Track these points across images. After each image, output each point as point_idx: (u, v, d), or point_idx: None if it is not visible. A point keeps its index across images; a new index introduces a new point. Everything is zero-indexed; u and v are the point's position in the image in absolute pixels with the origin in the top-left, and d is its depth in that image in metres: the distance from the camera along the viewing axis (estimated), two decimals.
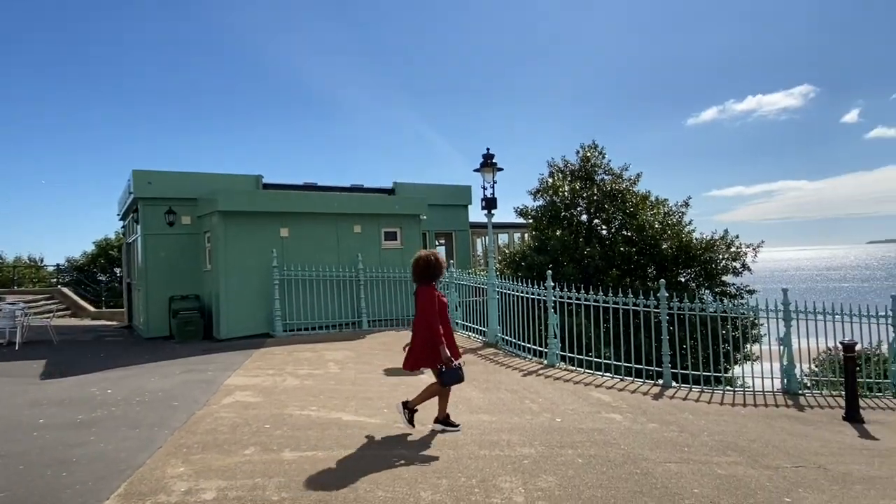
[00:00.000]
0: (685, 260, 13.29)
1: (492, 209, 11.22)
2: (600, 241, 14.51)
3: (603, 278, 13.16)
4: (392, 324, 12.98)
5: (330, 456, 4.69)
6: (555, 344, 9.31)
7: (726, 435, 5.76)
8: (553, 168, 16.02)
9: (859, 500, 4.16)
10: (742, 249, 14.02)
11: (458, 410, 6.25)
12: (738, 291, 14.11)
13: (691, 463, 4.81)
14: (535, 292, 9.81)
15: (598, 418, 6.16)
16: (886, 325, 8.66)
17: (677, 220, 14.41)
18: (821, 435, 5.98)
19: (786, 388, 8.21)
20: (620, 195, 14.62)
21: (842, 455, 5.26)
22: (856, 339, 8.65)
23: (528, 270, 13.20)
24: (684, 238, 13.78)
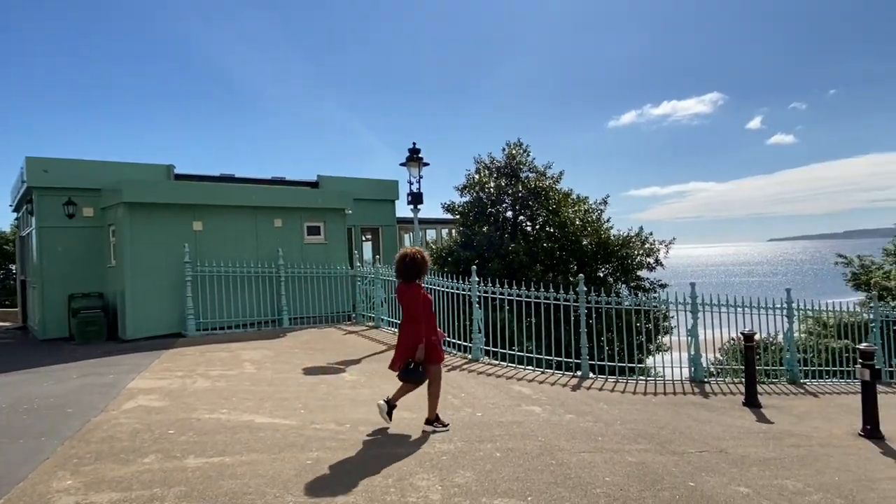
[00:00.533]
0: (604, 256, 13.81)
1: (418, 204, 11.14)
2: (525, 238, 14.79)
3: (527, 273, 13.41)
4: (315, 321, 12.62)
5: (238, 461, 4.43)
6: (479, 339, 9.36)
7: (638, 423, 5.98)
8: (480, 165, 16.17)
9: (755, 480, 4.41)
10: (655, 246, 14.74)
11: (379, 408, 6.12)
12: (652, 286, 14.83)
13: (604, 452, 4.94)
14: (460, 287, 9.82)
15: (518, 411, 6.22)
16: (782, 317, 9.35)
17: (596, 218, 14.95)
18: (723, 420, 6.34)
19: (693, 377, 8.67)
20: (544, 192, 14.97)
21: (741, 439, 5.59)
22: (758, 329, 9.32)
23: (455, 266, 13.24)
24: (603, 235, 14.32)
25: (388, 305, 12.13)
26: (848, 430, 5.97)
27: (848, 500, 4.08)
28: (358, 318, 12.95)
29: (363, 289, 12.95)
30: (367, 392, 6.86)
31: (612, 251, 13.89)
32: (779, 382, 9.02)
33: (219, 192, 12.54)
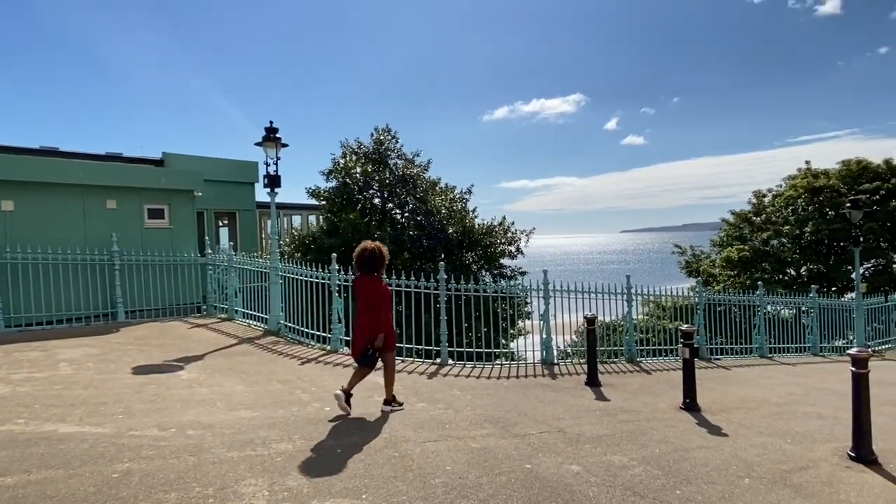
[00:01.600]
0: (469, 244, 14.08)
1: (275, 187, 10.45)
2: (393, 225, 14.62)
3: (394, 262, 13.26)
4: (158, 314, 11.42)
5: (24, 481, 3.74)
6: (339, 329, 9.03)
7: (486, 408, 6.05)
8: (347, 150, 15.66)
9: (586, 458, 4.61)
10: (517, 235, 15.33)
11: (216, 409, 5.60)
12: (513, 273, 15.43)
13: (450, 440, 4.90)
14: (320, 276, 9.38)
15: (370, 403, 6.02)
16: (623, 301, 10.12)
17: (462, 207, 15.20)
18: (566, 400, 6.64)
19: (544, 359, 9.07)
20: (412, 180, 14.89)
21: (579, 417, 5.87)
22: (606, 313, 10.03)
23: (319, 253, 12.71)
24: (468, 223, 14.58)
25: (243, 296, 11.33)
26: (671, 404, 6.54)
27: (665, 470, 4.39)
28: (209, 310, 11.96)
29: (215, 278, 11.97)
30: (204, 391, 6.26)
31: (476, 239, 14.21)
32: (619, 361, 9.74)
33: (36, 166, 10.83)
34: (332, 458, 4.35)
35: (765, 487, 4.12)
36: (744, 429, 5.70)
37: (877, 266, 22.76)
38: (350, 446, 4.62)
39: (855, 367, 4.78)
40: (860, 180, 23.09)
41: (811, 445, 5.19)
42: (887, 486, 4.22)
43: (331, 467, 4.16)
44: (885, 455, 4.83)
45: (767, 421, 6.06)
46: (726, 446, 5.08)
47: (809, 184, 23.56)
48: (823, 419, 6.18)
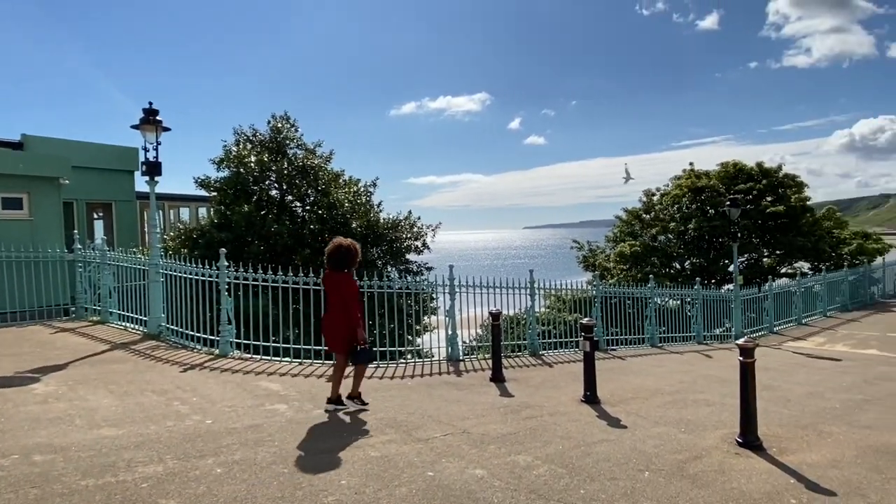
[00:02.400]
0: (374, 239, 13.65)
1: (155, 175, 9.46)
2: (292, 218, 13.84)
3: (293, 257, 12.56)
4: (15, 318, 9.98)
5: None
6: (228, 331, 8.30)
7: (389, 411, 5.74)
8: (240, 137, 14.60)
9: (491, 460, 4.43)
10: (424, 230, 15.10)
11: (73, 427, 4.84)
12: (420, 268, 15.21)
13: (347, 449, 4.54)
14: (207, 273, 8.57)
15: (259, 412, 5.49)
16: (526, 295, 10.19)
17: (367, 200, 14.71)
18: (471, 398, 6.47)
19: (450, 356, 8.91)
20: (313, 171, 14.17)
21: (484, 416, 5.71)
22: (511, 307, 10.05)
23: (208, 249, 11.71)
24: (373, 217, 14.14)
25: (119, 296, 10.18)
26: (573, 397, 6.57)
27: (569, 468, 4.31)
28: (79, 313, 10.64)
29: (87, 276, 10.67)
30: (61, 407, 5.42)
31: (381, 234, 13.81)
32: (522, 355, 9.80)
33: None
34: (208, 480, 3.84)
35: (664, 480, 4.15)
36: (641, 419, 5.82)
37: (750, 260, 24.99)
38: (233, 465, 4.12)
39: (743, 357, 4.98)
40: (736, 181, 25.23)
41: (703, 433, 5.36)
42: (772, 471, 4.40)
43: (206, 492, 3.65)
44: (768, 439, 5.08)
45: (662, 410, 6.24)
46: (626, 438, 5.12)
47: (693, 184, 25.39)
48: (711, 406, 6.47)
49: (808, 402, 6.89)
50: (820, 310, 16.62)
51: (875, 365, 9.83)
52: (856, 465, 4.59)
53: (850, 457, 4.81)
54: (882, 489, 4.11)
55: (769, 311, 14.77)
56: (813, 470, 4.44)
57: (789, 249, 23.71)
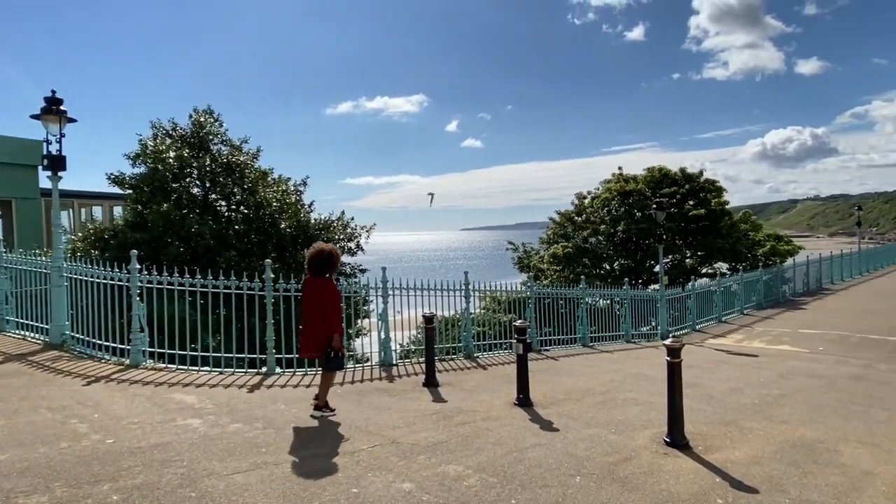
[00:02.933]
0: (304, 240, 13.11)
1: (58, 170, 8.67)
2: (216, 218, 13.08)
3: (217, 259, 11.86)
4: None
5: None
6: (141, 339, 7.68)
7: (312, 422, 5.42)
8: (158, 130, 13.66)
9: (420, 472, 4.23)
10: (357, 231, 14.70)
11: None
12: (353, 270, 14.78)
13: (266, 467, 4.20)
14: (116, 277, 7.89)
15: (168, 428, 5.03)
16: (461, 297, 10.07)
17: (297, 200, 14.15)
18: (403, 405, 6.25)
19: (383, 361, 8.64)
20: (239, 169, 13.47)
21: (415, 424, 5.50)
22: (446, 309, 9.91)
23: (121, 250, 10.85)
24: (303, 218, 13.60)
25: (16, 302, 9.26)
26: (506, 401, 6.48)
27: (500, 476, 4.17)
28: None
29: None
30: None
31: (312, 235, 13.28)
32: (457, 358, 9.67)
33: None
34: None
35: (595, 485, 4.09)
36: (573, 421, 5.79)
37: (674, 261, 26.13)
38: (132, 490, 3.71)
39: (670, 358, 5.03)
40: (661, 185, 26.32)
41: (632, 434, 5.39)
42: (699, 471, 4.44)
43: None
44: (694, 438, 5.16)
45: (593, 411, 6.25)
46: (558, 442, 5.06)
47: (622, 187, 26.29)
48: (640, 405, 6.55)
49: (729, 398, 7.12)
50: (738, 308, 17.52)
51: (788, 360, 10.39)
52: (776, 461, 4.72)
53: (770, 452, 4.96)
54: (800, 484, 4.23)
55: (692, 309, 15.40)
56: (737, 467, 4.52)
57: (710, 251, 24.96)
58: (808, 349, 11.60)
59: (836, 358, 10.50)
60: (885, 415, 6.51)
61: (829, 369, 9.47)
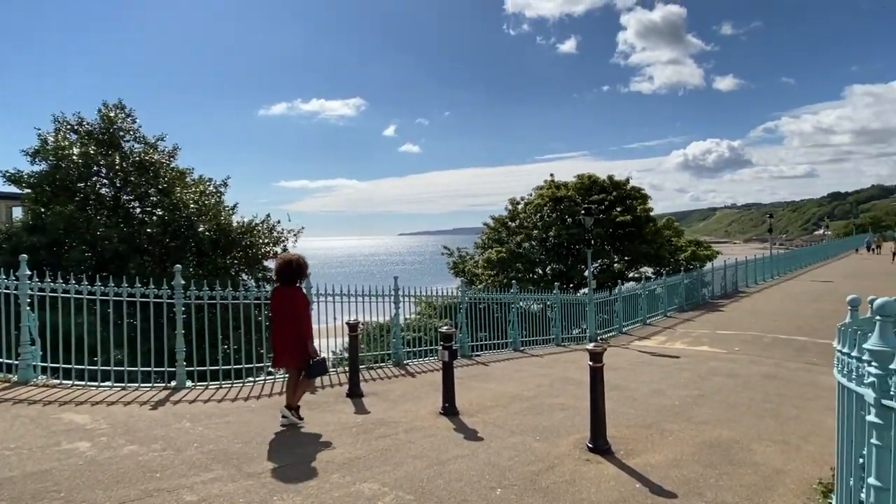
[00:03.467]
0: (225, 244, 12.44)
1: None
2: (127, 221, 12.17)
3: (127, 265, 11.00)
4: None
5: None
6: (31, 353, 6.93)
7: (221, 441, 5.00)
8: (61, 125, 12.57)
9: (332, 492, 3.94)
10: (284, 235, 14.12)
11: None
12: None
13: (156, 495, 3.79)
14: (2, 284, 7.09)
15: (50, 454, 4.49)
16: (391, 303, 9.80)
17: (217, 201, 13.41)
18: (322, 418, 5.91)
19: None
20: (154, 168, 12.61)
21: (334, 438, 5.19)
22: (383, 315, 9.61)
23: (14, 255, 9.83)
24: (224, 220, 12.88)
25: None
26: (432, 410, 6.28)
27: (418, 493, 3.96)
28: None
29: None
30: None
31: (234, 239, 12.62)
32: (386, 366, 9.38)
33: None
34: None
35: (516, 497, 3.94)
36: (498, 429, 5.66)
37: (603, 265, 26.96)
38: None
39: (592, 362, 4.99)
40: (591, 192, 27.12)
41: (556, 440, 5.31)
42: (620, 476, 4.40)
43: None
44: (616, 441, 5.14)
45: (519, 418, 6.15)
46: (481, 452, 4.90)
47: (553, 194, 26.87)
48: (566, 410, 6.52)
49: (651, 400, 7.23)
50: (661, 310, 18.18)
51: (707, 361, 10.78)
52: (693, 463, 4.76)
53: (688, 454, 5.00)
54: (716, 486, 4.26)
55: (619, 312, 15.81)
56: (657, 471, 4.51)
57: (636, 255, 25.91)
58: (725, 349, 12.10)
59: (751, 357, 11.00)
60: (794, 412, 6.80)
61: (744, 369, 9.88)
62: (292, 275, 5.70)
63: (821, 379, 9.12)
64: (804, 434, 5.78)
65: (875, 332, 2.41)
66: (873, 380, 2.39)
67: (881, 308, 2.43)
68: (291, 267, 5.69)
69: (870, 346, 2.43)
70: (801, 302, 20.32)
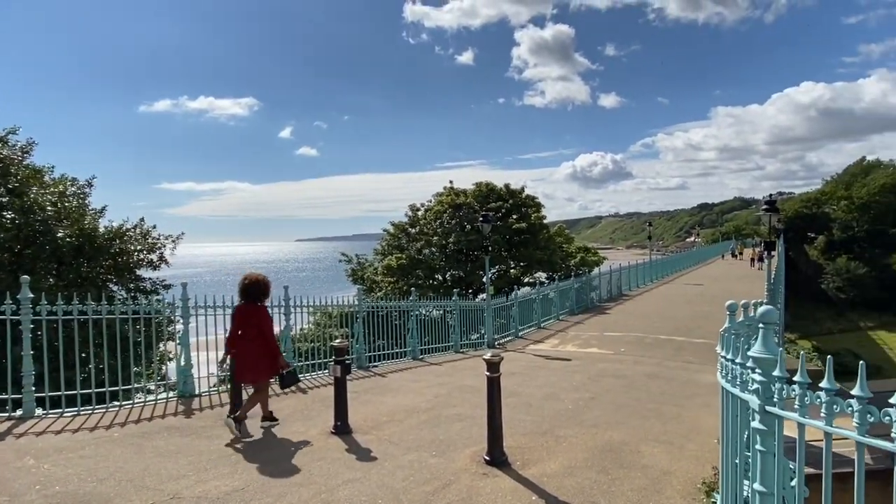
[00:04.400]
0: (91, 251, 11.09)
1: None
2: None
3: None
4: None
5: None
6: None
7: (71, 480, 4.30)
8: None
9: None
10: (161, 241, 12.87)
11: None
12: (155, 286, 12.92)
13: None
14: None
15: None
16: (280, 314, 9.20)
17: (80, 204, 11.95)
18: (197, 446, 5.32)
19: (182, 392, 7.47)
20: (3, 166, 10.99)
21: (208, 470, 4.66)
22: (276, 326, 8.95)
23: None
24: (88, 225, 11.48)
25: None
26: (323, 429, 5.88)
27: None
28: None
29: None
30: None
31: (100, 246, 11.28)
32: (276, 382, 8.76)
33: None
34: None
35: None
36: (393, 446, 5.39)
37: (500, 271, 27.63)
38: None
39: (489, 372, 4.88)
40: (489, 199, 27.74)
41: (453, 455, 5.14)
42: (517, 490, 4.30)
43: None
44: (513, 452, 5.07)
45: (416, 432, 5.93)
46: (374, 474, 4.61)
47: (452, 200, 27.16)
48: (464, 421, 6.39)
49: (546, 405, 7.32)
50: (555, 314, 18.85)
51: (596, 362, 11.23)
52: (587, 469, 4.79)
53: (582, 460, 5.04)
54: (609, 492, 4.29)
55: (515, 317, 16.16)
56: (552, 481, 4.47)
57: (530, 261, 26.82)
58: (612, 351, 12.71)
59: (635, 358, 11.62)
60: (675, 411, 7.17)
61: (629, 369, 10.39)
62: (258, 293, 5.99)
63: (697, 377, 9.79)
64: (685, 433, 6.07)
65: (758, 340, 2.45)
66: (757, 387, 2.43)
67: (763, 316, 2.48)
68: (259, 286, 5.99)
69: (754, 353, 2.47)
70: (676, 304, 22.00)
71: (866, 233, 57.64)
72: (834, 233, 59.74)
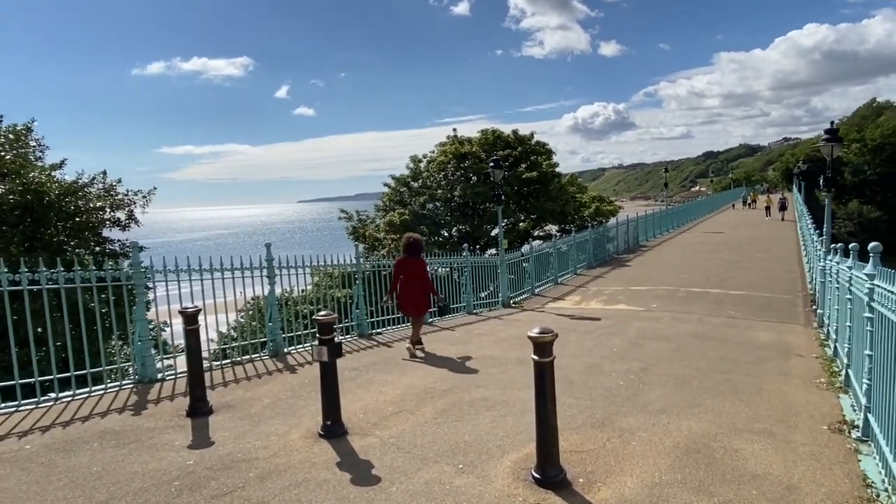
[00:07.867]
0: (42, 209, 9.51)
1: None
2: None
3: None
4: None
5: None
6: None
7: None
8: None
9: None
10: (129, 198, 11.24)
11: None
12: (125, 249, 11.36)
13: None
14: None
15: None
16: (262, 277, 7.71)
17: (23, 155, 10.25)
18: (128, 466, 3.87)
19: (141, 377, 6.05)
20: None
21: (141, 493, 3.23)
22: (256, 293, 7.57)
23: None
24: (35, 178, 9.80)
25: None
26: (308, 430, 4.44)
27: None
28: None
29: None
30: None
31: (50, 203, 9.67)
32: (262, 357, 7.36)
33: None
34: None
35: None
36: (403, 455, 3.95)
37: (509, 224, 26.00)
38: None
39: (538, 355, 3.37)
40: (495, 148, 25.83)
41: (487, 467, 3.70)
42: None
43: None
44: (568, 458, 3.62)
45: (432, 429, 4.48)
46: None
47: (457, 150, 25.28)
48: (493, 408, 4.95)
49: (591, 381, 5.87)
50: (571, 268, 17.38)
51: (630, 321, 9.80)
52: (680, 487, 3.36)
53: (667, 470, 3.60)
54: None
55: (531, 273, 14.69)
56: None
57: (542, 213, 25.15)
58: (643, 307, 11.28)
59: (672, 315, 10.19)
60: (750, 382, 5.75)
61: (671, 328, 8.98)
62: (418, 249, 7.58)
63: (752, 335, 8.38)
64: (780, 416, 4.65)
65: None
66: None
67: None
68: (419, 243, 7.65)
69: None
70: (700, 253, 20.47)
71: (879, 176, 55.46)
72: (846, 176, 57.60)
